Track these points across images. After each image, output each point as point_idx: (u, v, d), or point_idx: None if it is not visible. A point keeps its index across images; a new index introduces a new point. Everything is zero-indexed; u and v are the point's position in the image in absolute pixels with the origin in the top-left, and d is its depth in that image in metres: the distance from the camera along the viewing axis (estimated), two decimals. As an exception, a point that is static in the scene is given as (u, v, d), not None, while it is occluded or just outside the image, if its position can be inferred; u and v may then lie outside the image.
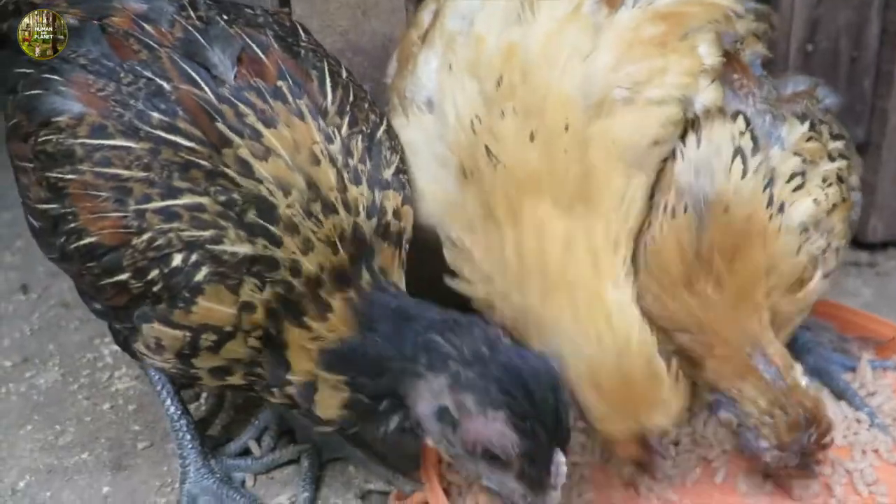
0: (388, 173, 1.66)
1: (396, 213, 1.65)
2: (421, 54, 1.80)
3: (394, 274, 1.64)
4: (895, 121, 2.62)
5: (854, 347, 2.13)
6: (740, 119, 1.72)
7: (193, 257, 1.48)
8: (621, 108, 1.65)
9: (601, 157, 1.63)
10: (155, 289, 1.50)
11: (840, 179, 1.81)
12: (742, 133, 1.70)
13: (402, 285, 1.65)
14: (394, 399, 1.53)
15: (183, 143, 1.50)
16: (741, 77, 1.77)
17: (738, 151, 1.69)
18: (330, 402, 1.56)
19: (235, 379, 1.61)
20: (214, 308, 1.50)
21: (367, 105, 1.74)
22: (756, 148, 1.70)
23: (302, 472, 1.90)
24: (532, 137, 1.63)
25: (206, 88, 1.54)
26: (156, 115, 1.52)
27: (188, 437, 1.86)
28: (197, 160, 1.50)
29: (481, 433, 1.45)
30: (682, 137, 1.72)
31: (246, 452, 1.97)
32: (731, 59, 1.77)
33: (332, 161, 1.57)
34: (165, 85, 1.54)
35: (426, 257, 1.74)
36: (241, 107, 1.54)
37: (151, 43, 1.61)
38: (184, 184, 1.49)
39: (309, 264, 1.51)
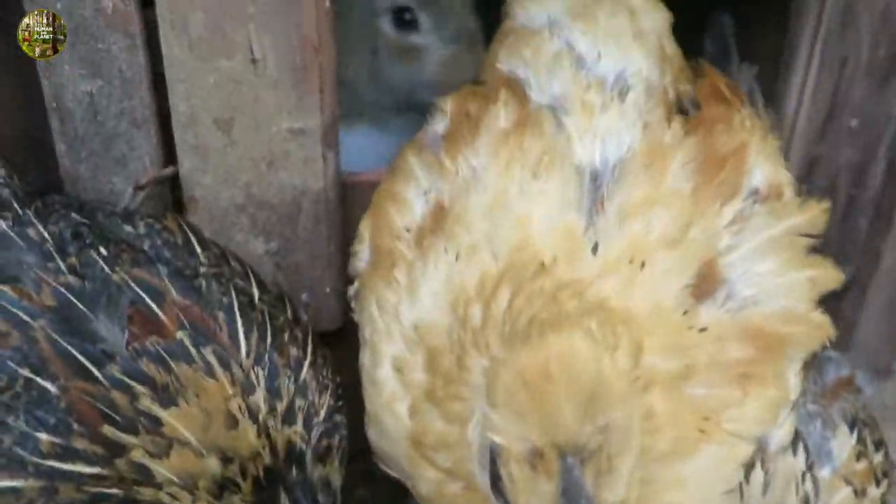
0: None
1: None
2: (421, 265, 1.35)
3: None
4: (889, 261, 2.34)
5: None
6: (800, 449, 1.30)
7: None
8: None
9: None
10: None
11: None
12: (805, 472, 1.30)
13: None
14: None
15: (85, 470, 1.14)
16: None
17: (806, 500, 1.30)
18: None
19: None
20: None
21: (286, 336, 1.38)
22: (817, 490, 1.30)
23: None
24: None
25: (100, 376, 1.17)
26: (45, 436, 1.13)
27: None
28: (105, 490, 1.15)
29: None
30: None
31: None
32: None
33: (252, 414, 1.24)
34: (51, 387, 1.16)
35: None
36: (136, 387, 1.17)
37: (22, 316, 1.19)
38: None
39: None
